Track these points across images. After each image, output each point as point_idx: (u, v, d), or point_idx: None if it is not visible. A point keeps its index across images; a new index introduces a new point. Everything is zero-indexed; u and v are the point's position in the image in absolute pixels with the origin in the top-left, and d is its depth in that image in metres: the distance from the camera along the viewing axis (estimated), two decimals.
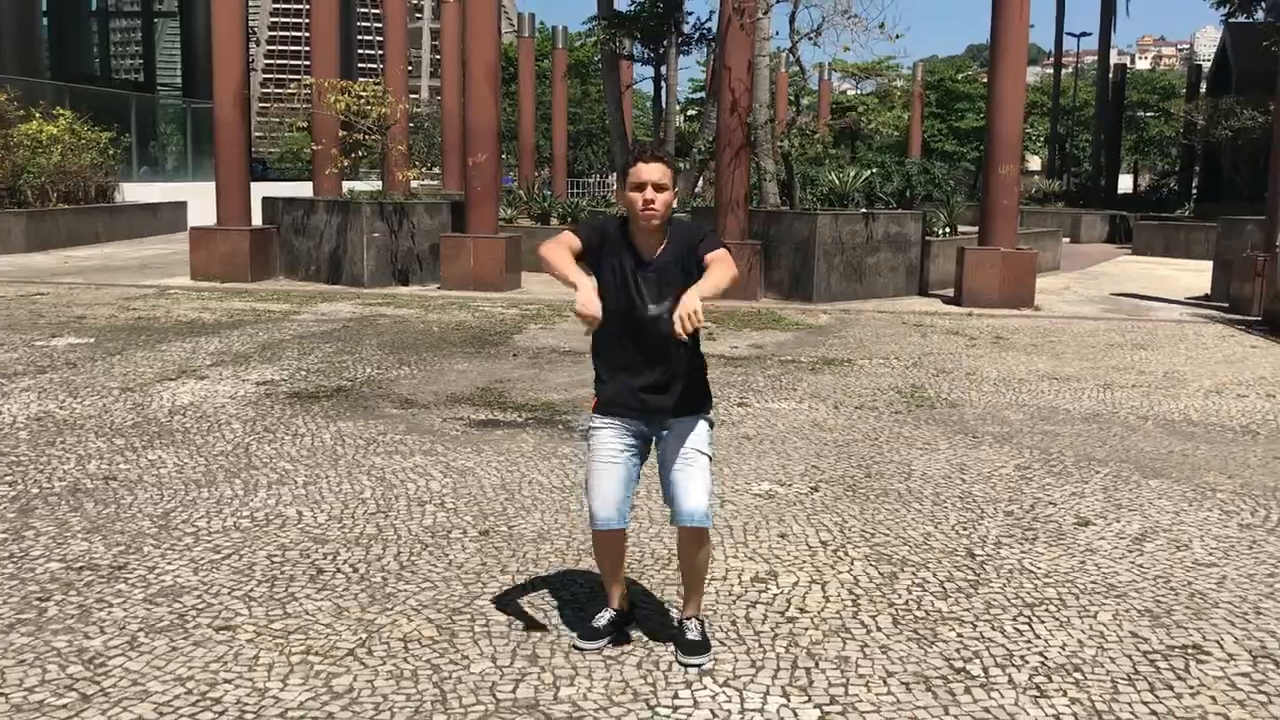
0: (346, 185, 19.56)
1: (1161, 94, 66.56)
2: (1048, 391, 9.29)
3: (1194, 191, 38.59)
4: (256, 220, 17.08)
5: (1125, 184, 55.04)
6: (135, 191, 27.53)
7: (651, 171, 3.75)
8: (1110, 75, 41.36)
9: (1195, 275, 20.54)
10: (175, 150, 35.61)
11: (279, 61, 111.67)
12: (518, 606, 4.41)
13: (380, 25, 41.22)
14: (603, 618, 4.11)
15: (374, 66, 46.42)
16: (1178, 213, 33.11)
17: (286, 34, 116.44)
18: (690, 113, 47.67)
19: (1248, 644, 4.18)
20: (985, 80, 69.80)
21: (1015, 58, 15.27)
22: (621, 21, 23.94)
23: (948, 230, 18.93)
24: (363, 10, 53.92)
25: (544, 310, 13.87)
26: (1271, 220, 14.77)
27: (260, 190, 18.42)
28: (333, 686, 3.72)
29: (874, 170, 19.38)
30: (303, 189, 23.84)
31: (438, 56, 56.72)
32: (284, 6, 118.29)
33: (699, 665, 3.89)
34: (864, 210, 16.30)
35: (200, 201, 25.37)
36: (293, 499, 5.83)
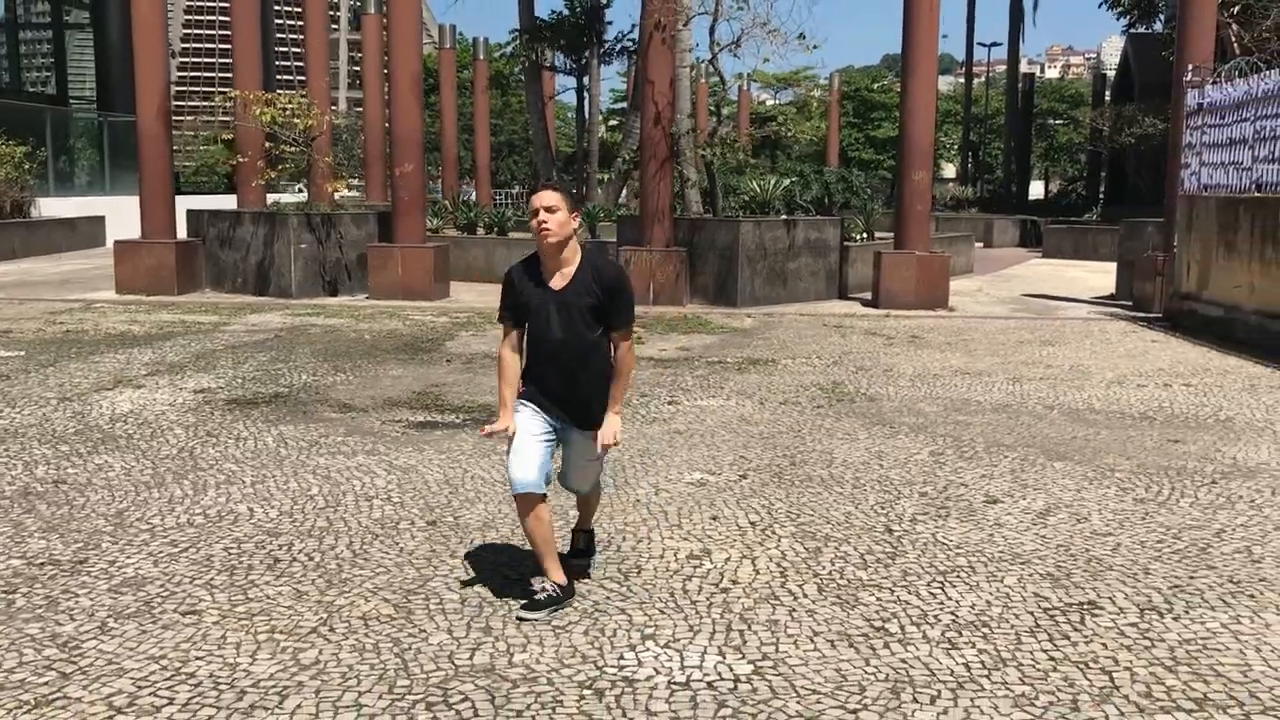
0: (271, 197, 19.57)
1: (1070, 102, 68.56)
2: (961, 385, 9.77)
3: (1100, 196, 39.89)
4: (181, 233, 17.06)
5: (1036, 190, 56.54)
6: (52, 206, 27.17)
7: (542, 198, 4.38)
8: (1019, 84, 42.57)
9: (1102, 276, 21.37)
10: (91, 164, 35.09)
11: (192, 74, 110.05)
12: (469, 585, 4.69)
13: (298, 37, 41.10)
14: (544, 587, 4.42)
15: (291, 79, 46.08)
16: (1085, 217, 34.24)
17: (200, 45, 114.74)
18: (612, 122, 48.07)
19: (1136, 599, 4.60)
20: (898, 90, 70.70)
21: (926, 68, 15.87)
22: (543, 33, 24.26)
23: (865, 236, 19.50)
24: (280, 22, 53.47)
25: (475, 318, 14.11)
26: (1169, 222, 15.51)
27: (184, 203, 18.36)
28: (300, 660, 3.97)
29: (793, 179, 19.90)
30: (221, 202, 23.74)
31: (355, 68, 56.43)
32: (197, 18, 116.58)
33: (532, 619, 4.33)
34: (785, 217, 16.78)
35: (118, 216, 25.19)
36: (242, 497, 6.04)
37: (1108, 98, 40.41)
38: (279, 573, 4.85)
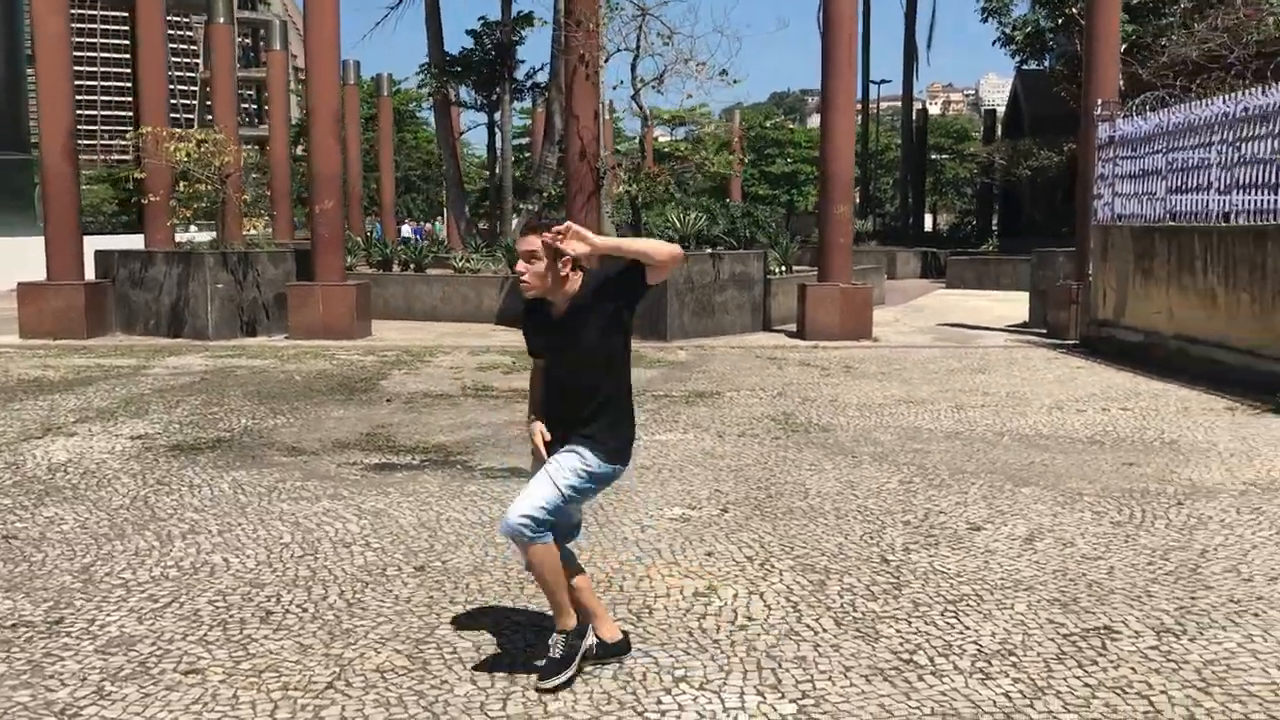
0: (180, 237, 19.02)
1: (955, 137, 70.64)
2: (907, 414, 9.87)
3: (994, 228, 41.03)
4: (90, 274, 16.46)
5: (925, 223, 58.04)
6: None
7: (529, 242, 3.92)
8: (914, 120, 43.69)
9: (1007, 305, 21.91)
10: None
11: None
12: (478, 631, 4.53)
13: (191, 74, 40.17)
14: (556, 646, 4.14)
15: (178, 116, 45.02)
16: (983, 248, 35.16)
17: (81, 84, 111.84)
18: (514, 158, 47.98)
19: (1148, 622, 4.64)
20: (791, 127, 71.91)
21: (846, 102, 16.14)
22: (454, 68, 24.13)
23: (783, 269, 19.71)
24: (176, 60, 52.37)
25: (404, 356, 13.85)
26: (1081, 251, 15.98)
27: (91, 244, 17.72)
28: (323, 718, 3.78)
29: (700, 214, 20.03)
30: (121, 242, 22.92)
31: (245, 105, 55.39)
32: (80, 55, 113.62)
33: (546, 688, 3.94)
34: (710, 251, 16.86)
35: (3, 257, 24.00)
36: (213, 547, 5.77)
37: (998, 133, 41.70)
38: (275, 626, 4.63)
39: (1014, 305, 21.71)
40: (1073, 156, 30.61)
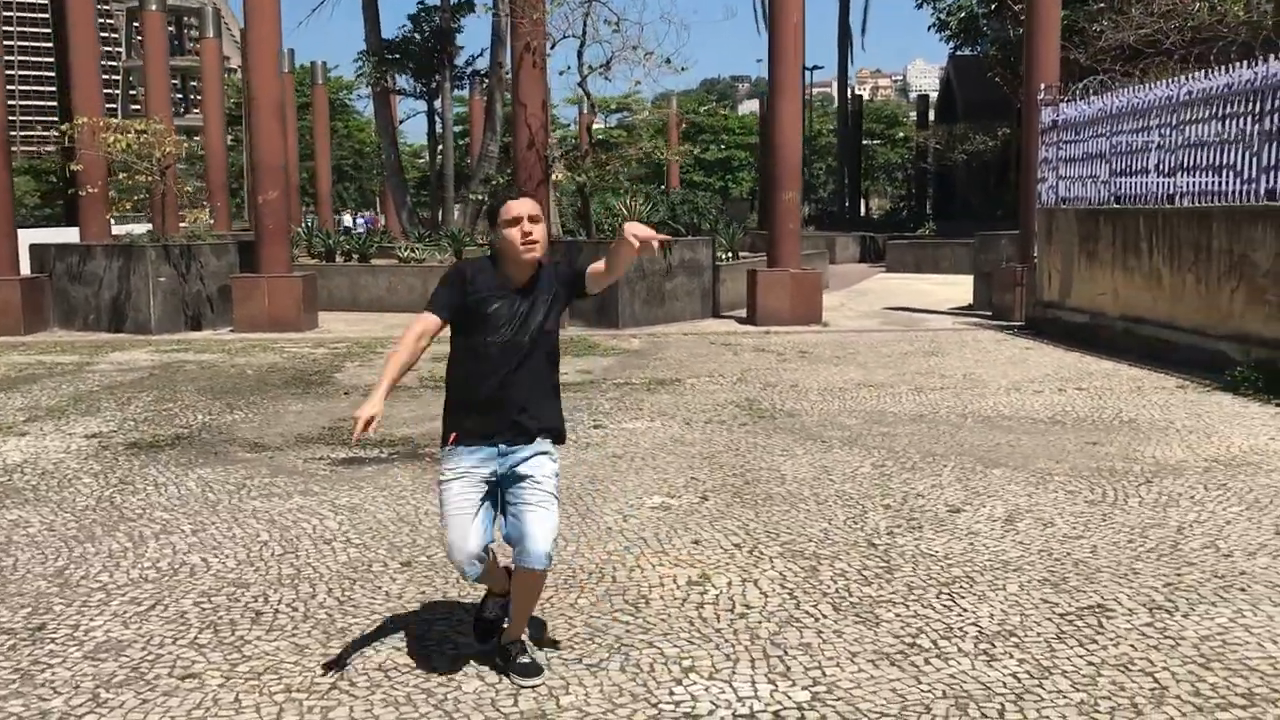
0: (116, 229, 18.57)
1: (885, 122, 71.33)
2: (869, 398, 9.94)
3: (928, 213, 41.53)
4: (25, 269, 16.02)
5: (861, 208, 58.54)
6: None
7: (524, 205, 3.79)
8: (850, 105, 44.00)
9: (950, 288, 22.21)
10: None
11: None
12: (479, 626, 4.47)
13: (113, 64, 39.28)
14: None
15: (114, 107, 44.07)
16: (920, 232, 35.57)
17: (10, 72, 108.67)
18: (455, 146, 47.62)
19: (1139, 599, 4.71)
20: (725, 114, 72.13)
21: (792, 90, 16.19)
22: (393, 55, 23.82)
23: (730, 255, 19.76)
24: (106, 49, 51.12)
25: (355, 348, 13.67)
26: (1026, 235, 16.21)
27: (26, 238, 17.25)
28: (332, 719, 3.70)
29: (649, 202, 20.00)
30: (54, 235, 22.34)
31: (176, 95, 54.29)
32: (10, 44, 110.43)
33: (534, 686, 3.92)
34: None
35: None
36: (189, 547, 5.64)
37: (931, 118, 42.20)
38: (267, 626, 4.53)
39: (956, 288, 22.01)
40: (1007, 141, 31.16)
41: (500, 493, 3.92)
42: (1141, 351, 12.17)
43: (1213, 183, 11.42)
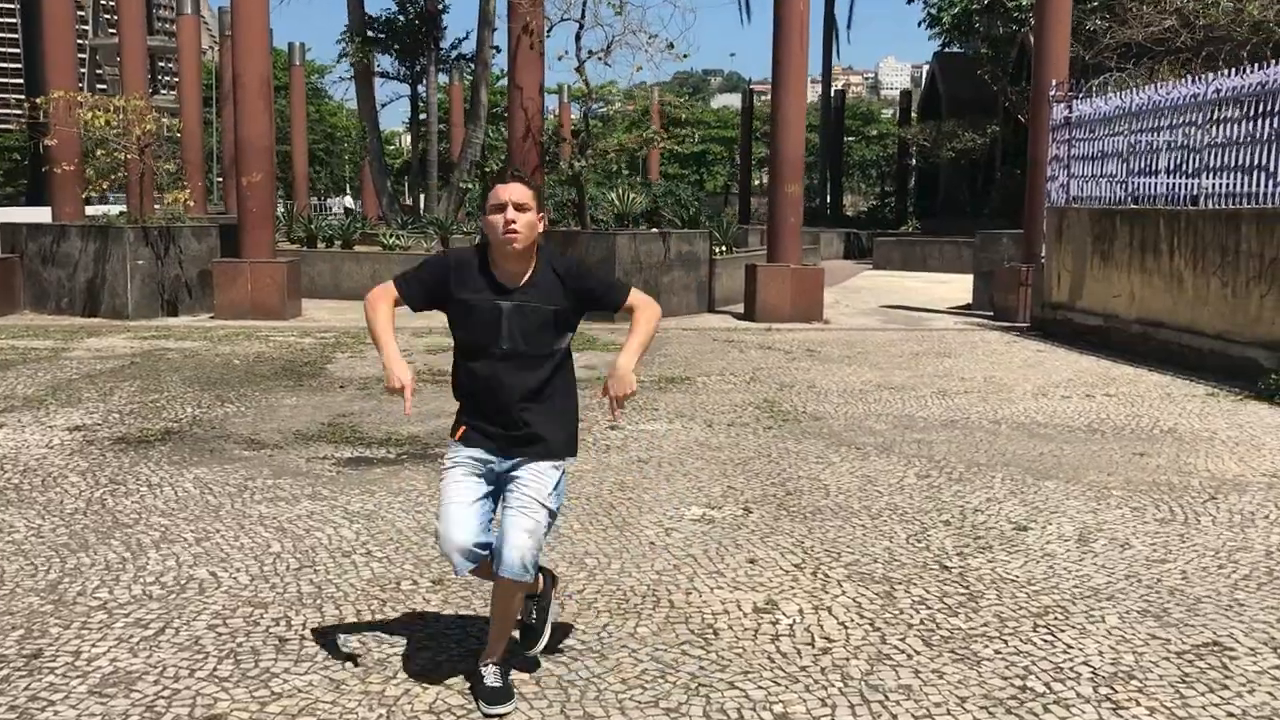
0: (90, 210, 17.85)
1: (861, 119, 71.17)
2: (893, 401, 9.51)
3: (911, 210, 41.27)
4: None
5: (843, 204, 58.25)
6: None
7: (511, 191, 3.53)
8: (832, 101, 43.67)
9: (943, 287, 21.91)
10: None
11: None
12: (532, 660, 3.99)
13: (80, 40, 38.24)
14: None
15: (84, 86, 43.03)
16: (904, 229, 35.28)
17: None
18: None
19: (1256, 636, 4.30)
20: (700, 107, 72.14)
21: (797, 85, 15.76)
22: (377, 37, 23.20)
23: (725, 249, 19.32)
24: (81, 28, 50.01)
25: (343, 338, 13.11)
26: (1032, 234, 15.85)
27: None
28: None
29: (643, 194, 19.52)
30: (24, 215, 21.59)
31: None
32: None
33: (501, 715, 3.56)
34: (658, 230, 16.37)
35: None
36: (194, 559, 5.12)
37: (914, 115, 41.92)
38: (295, 656, 4.03)
39: (947, 287, 21.72)
40: (995, 139, 30.88)
41: (500, 493, 3.72)
42: (1159, 356, 11.82)
43: (1242, 184, 11.07)
